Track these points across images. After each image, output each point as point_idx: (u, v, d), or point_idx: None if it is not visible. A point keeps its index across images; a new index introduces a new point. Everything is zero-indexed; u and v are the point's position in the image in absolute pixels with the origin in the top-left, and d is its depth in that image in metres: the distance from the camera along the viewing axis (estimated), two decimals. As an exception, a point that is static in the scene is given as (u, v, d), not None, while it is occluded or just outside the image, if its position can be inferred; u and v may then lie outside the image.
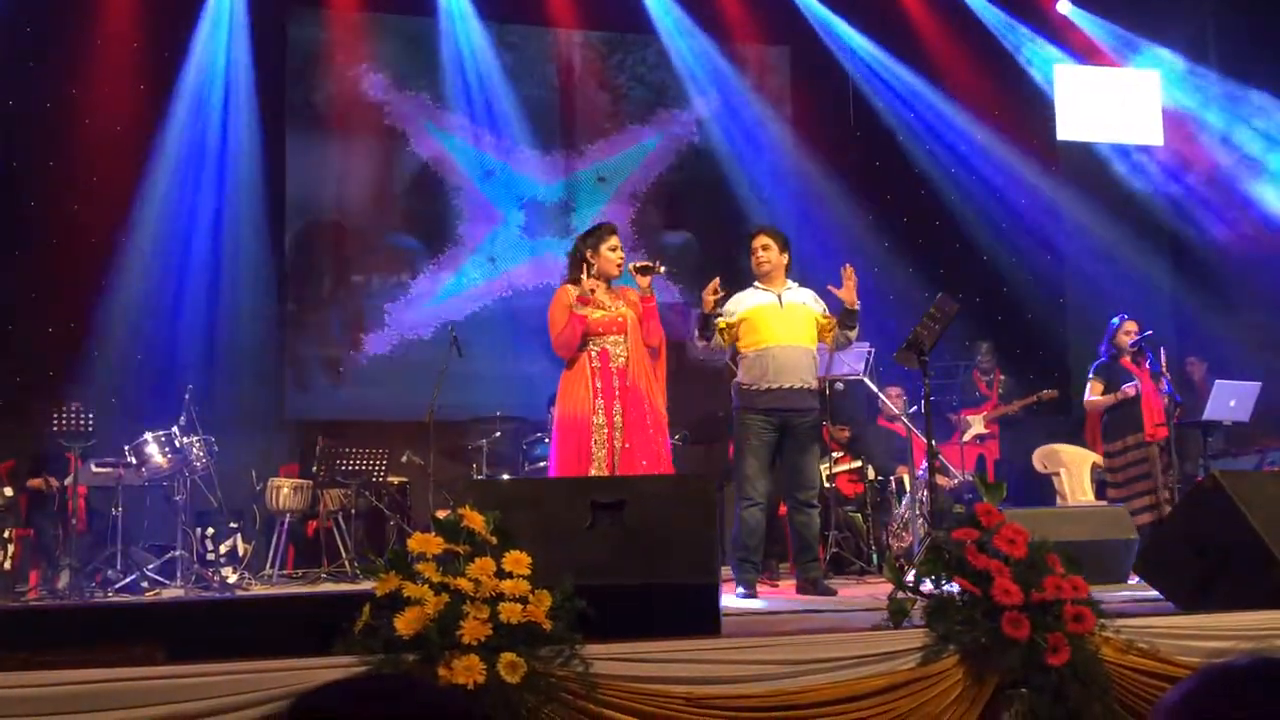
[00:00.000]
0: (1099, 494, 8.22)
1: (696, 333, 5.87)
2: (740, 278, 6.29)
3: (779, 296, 5.93)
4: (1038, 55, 10.86)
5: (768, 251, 6.00)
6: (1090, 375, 7.59)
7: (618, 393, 5.43)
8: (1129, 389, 7.27)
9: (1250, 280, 10.13)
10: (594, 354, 5.48)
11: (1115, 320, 7.58)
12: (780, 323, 5.84)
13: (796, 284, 6.06)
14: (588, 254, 5.62)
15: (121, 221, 9.01)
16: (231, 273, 9.33)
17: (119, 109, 9.11)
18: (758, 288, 6.02)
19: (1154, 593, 4.14)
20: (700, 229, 10.52)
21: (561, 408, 5.50)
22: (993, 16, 10.78)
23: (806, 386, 5.83)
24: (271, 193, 9.61)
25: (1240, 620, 3.42)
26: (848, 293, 5.84)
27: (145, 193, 9.13)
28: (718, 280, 5.77)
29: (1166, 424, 7.22)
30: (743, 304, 5.95)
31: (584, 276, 5.52)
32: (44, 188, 8.92)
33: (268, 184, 9.58)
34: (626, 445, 5.37)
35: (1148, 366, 7.37)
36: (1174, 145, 10.85)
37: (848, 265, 5.91)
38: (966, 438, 8.99)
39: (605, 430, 5.38)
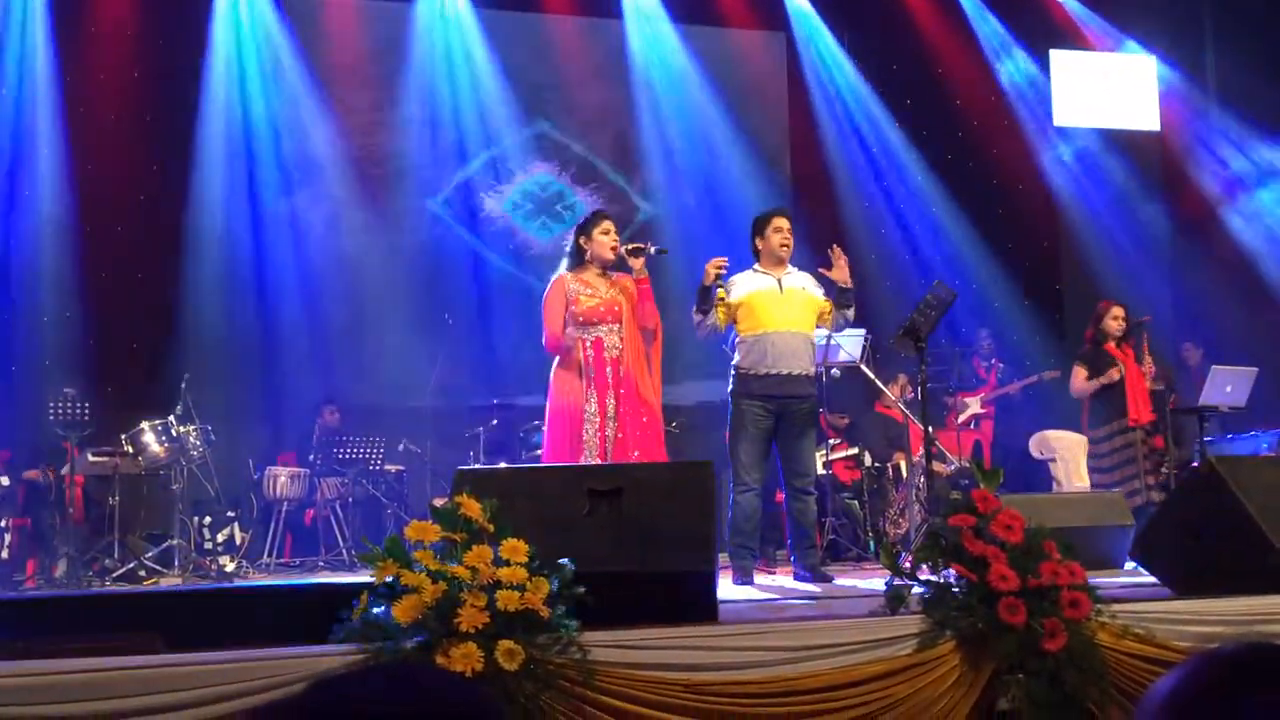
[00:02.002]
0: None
1: (694, 307, 5.83)
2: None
3: (779, 281, 5.89)
4: (1034, 41, 10.85)
5: (791, 235, 5.97)
6: (1075, 362, 7.59)
7: (611, 381, 5.43)
8: (1114, 373, 7.27)
9: (1248, 265, 10.14)
10: (588, 343, 5.47)
11: (1101, 306, 7.58)
12: (780, 308, 5.81)
13: (795, 268, 6.02)
14: (581, 241, 5.63)
15: (117, 211, 9.00)
16: (228, 261, 9.32)
17: (117, 97, 9.08)
18: (757, 271, 5.96)
19: (1150, 578, 4.15)
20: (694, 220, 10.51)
21: (554, 397, 5.50)
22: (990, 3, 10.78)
23: (804, 373, 5.81)
24: (266, 177, 9.62)
25: (1236, 605, 3.44)
26: (840, 272, 5.80)
27: (140, 183, 9.12)
28: (724, 259, 5.75)
29: (1153, 409, 7.23)
30: (742, 287, 5.89)
31: (574, 284, 5.53)
32: (40, 178, 8.89)
33: (263, 169, 9.58)
34: (620, 435, 5.37)
35: (1130, 351, 7.38)
36: (1170, 129, 10.86)
37: (835, 246, 5.89)
38: (962, 418, 9.00)
39: (598, 420, 5.38)
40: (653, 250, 5.66)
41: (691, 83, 10.43)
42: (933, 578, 3.28)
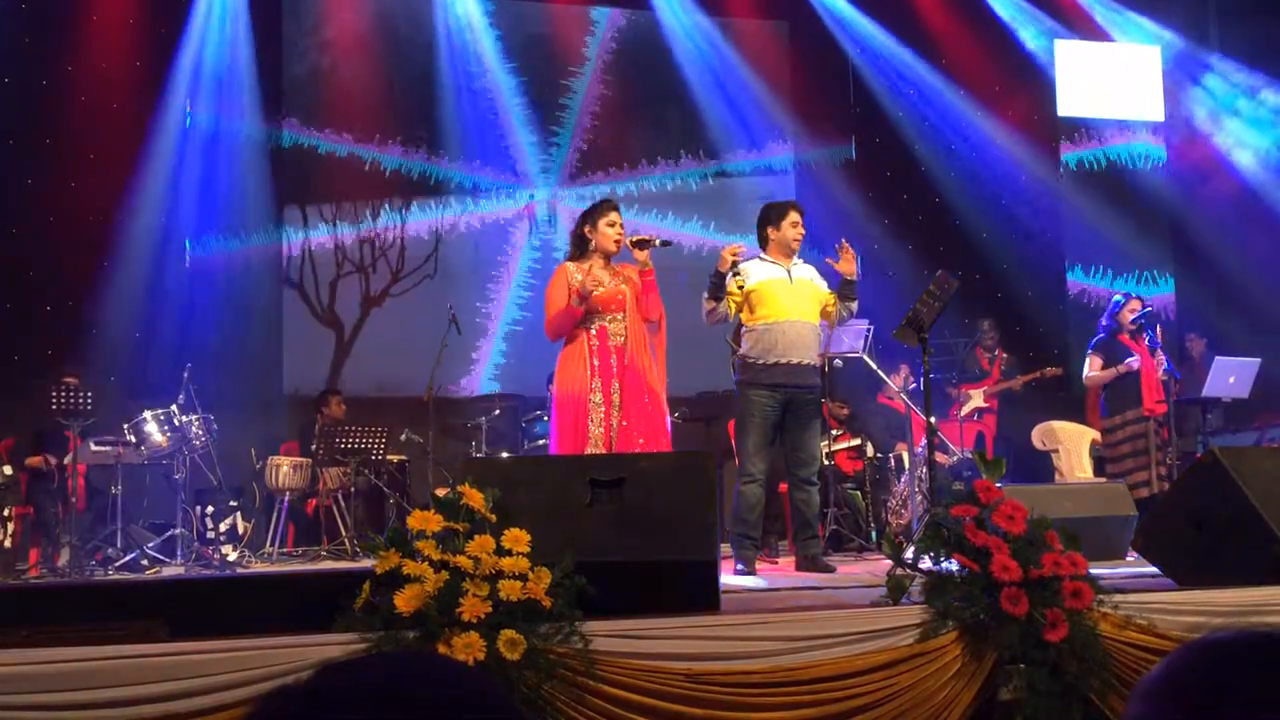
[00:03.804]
0: (1098, 470, 8.23)
1: (706, 293, 5.82)
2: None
3: (789, 271, 5.90)
4: (1038, 30, 10.82)
5: (803, 229, 5.98)
6: (1089, 351, 7.59)
7: (615, 370, 5.42)
8: (1132, 362, 7.27)
9: (1250, 256, 10.12)
10: (592, 331, 5.46)
11: (1120, 298, 7.57)
12: (790, 297, 5.81)
13: (800, 259, 6.03)
14: (586, 230, 5.61)
15: (120, 198, 8.99)
16: (230, 249, 9.32)
17: (116, 85, 9.07)
18: (764, 260, 5.96)
19: (1152, 568, 4.15)
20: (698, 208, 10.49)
21: (559, 386, 5.49)
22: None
23: (812, 363, 5.82)
24: (270, 167, 9.62)
25: (1238, 596, 3.43)
26: (846, 264, 5.82)
27: (142, 169, 9.11)
28: (742, 245, 5.76)
29: (1165, 400, 7.23)
30: (752, 276, 5.89)
31: (578, 274, 5.50)
32: (41, 165, 8.89)
33: (266, 157, 9.58)
34: (624, 423, 5.36)
35: (1146, 343, 7.38)
36: (1174, 120, 10.84)
37: (843, 240, 5.90)
38: (965, 410, 8.99)
39: (603, 408, 5.37)
40: (658, 242, 5.65)
41: (701, 71, 10.41)
42: (935, 568, 3.28)
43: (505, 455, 7.81)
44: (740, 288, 5.77)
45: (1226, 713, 0.99)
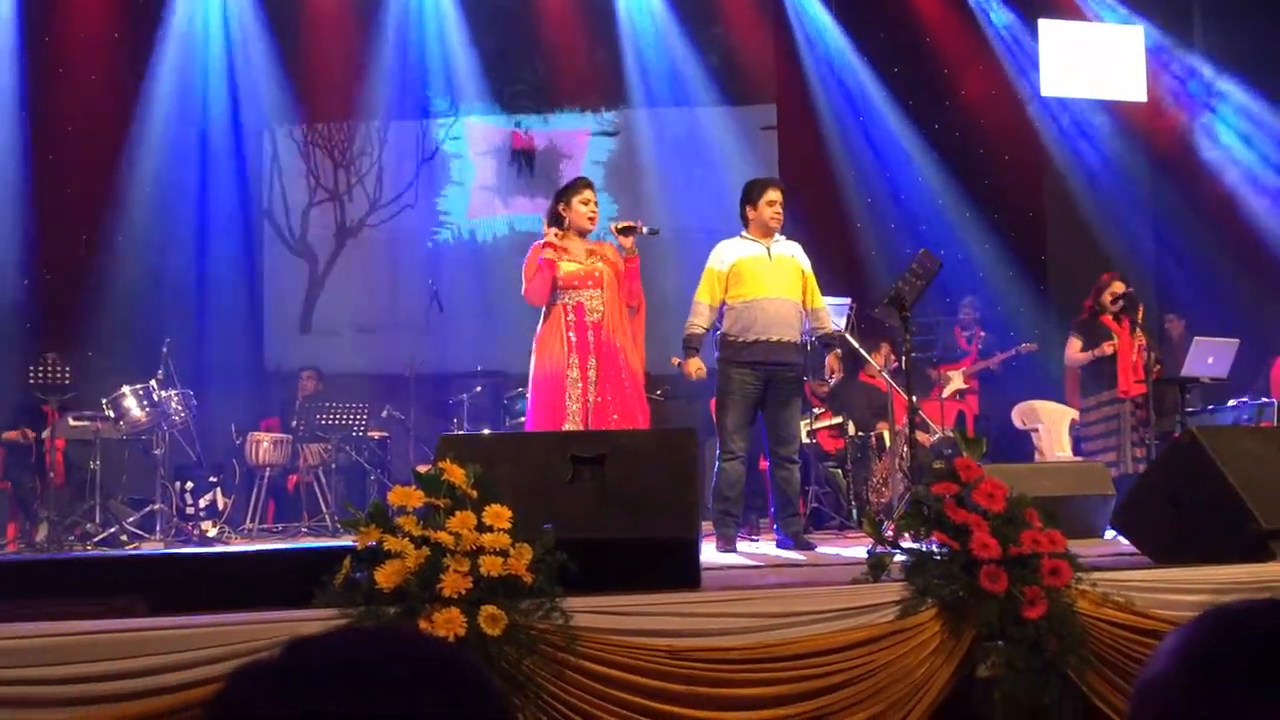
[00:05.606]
0: (1076, 450, 8.26)
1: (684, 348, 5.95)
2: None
3: (768, 249, 5.89)
4: (1021, 9, 10.81)
5: (782, 208, 5.96)
6: (1070, 332, 7.61)
7: (592, 346, 5.42)
8: (1107, 346, 7.30)
9: (1229, 237, 10.15)
10: (569, 307, 5.46)
11: (1104, 278, 7.59)
12: (769, 275, 5.81)
13: (783, 237, 6.02)
14: (560, 207, 5.61)
15: (101, 175, 8.93)
16: (210, 226, 9.27)
17: (101, 67, 8.99)
18: (745, 238, 5.95)
19: (1130, 546, 4.18)
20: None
21: (536, 362, 5.49)
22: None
23: (792, 340, 5.82)
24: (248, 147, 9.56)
25: (1215, 574, 3.46)
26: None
27: (125, 147, 9.04)
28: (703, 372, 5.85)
29: (1144, 381, 7.26)
30: (732, 254, 5.89)
31: (552, 230, 5.51)
32: (25, 143, 8.81)
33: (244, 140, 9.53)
34: (599, 399, 5.37)
35: (1126, 324, 7.40)
36: (1156, 101, 10.85)
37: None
38: (946, 393, 9.01)
39: (580, 385, 5.38)
40: (645, 230, 5.64)
41: (677, 52, 10.37)
42: (915, 545, 3.29)
43: (487, 432, 7.80)
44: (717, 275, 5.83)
45: (1237, 680, 0.99)
